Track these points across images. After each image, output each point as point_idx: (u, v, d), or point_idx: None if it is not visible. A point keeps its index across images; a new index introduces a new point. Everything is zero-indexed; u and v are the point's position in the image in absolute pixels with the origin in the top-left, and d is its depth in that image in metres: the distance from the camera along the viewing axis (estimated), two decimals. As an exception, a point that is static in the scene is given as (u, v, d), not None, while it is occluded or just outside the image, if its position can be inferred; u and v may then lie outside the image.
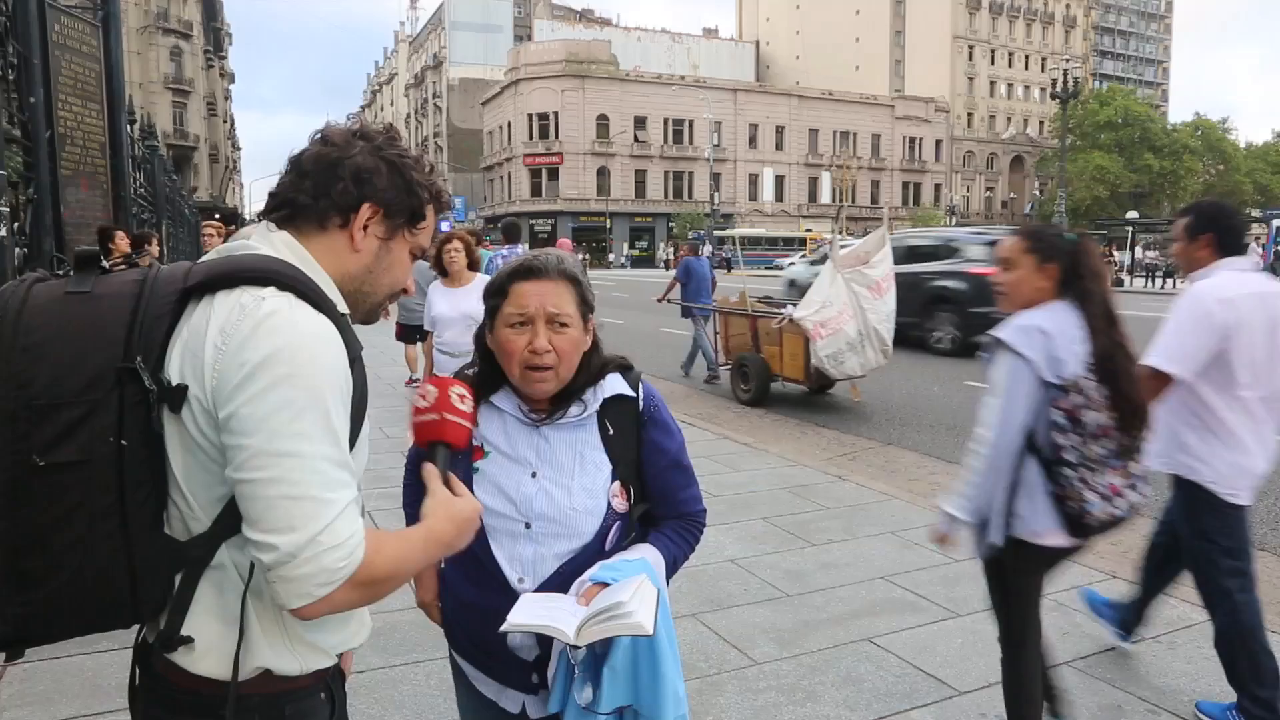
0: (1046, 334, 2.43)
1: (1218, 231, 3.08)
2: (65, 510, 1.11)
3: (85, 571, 1.13)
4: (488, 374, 1.69)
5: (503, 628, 1.48)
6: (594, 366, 1.67)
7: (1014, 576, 2.67)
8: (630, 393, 1.70)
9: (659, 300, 12.96)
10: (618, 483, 1.65)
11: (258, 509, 1.11)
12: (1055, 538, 2.55)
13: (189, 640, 1.20)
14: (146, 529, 1.15)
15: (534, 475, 1.62)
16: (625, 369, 1.73)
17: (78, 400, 1.11)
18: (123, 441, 1.12)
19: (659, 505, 1.74)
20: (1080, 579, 4.39)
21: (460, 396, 1.40)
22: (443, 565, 1.73)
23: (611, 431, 1.67)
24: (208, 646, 1.21)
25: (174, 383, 1.14)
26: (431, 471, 1.35)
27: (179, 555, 1.19)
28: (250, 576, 1.20)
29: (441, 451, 1.38)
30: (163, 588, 1.19)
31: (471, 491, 1.44)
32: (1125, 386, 2.44)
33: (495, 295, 1.64)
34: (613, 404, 1.68)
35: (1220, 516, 3.01)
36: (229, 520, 1.18)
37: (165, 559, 1.18)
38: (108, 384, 1.12)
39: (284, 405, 1.11)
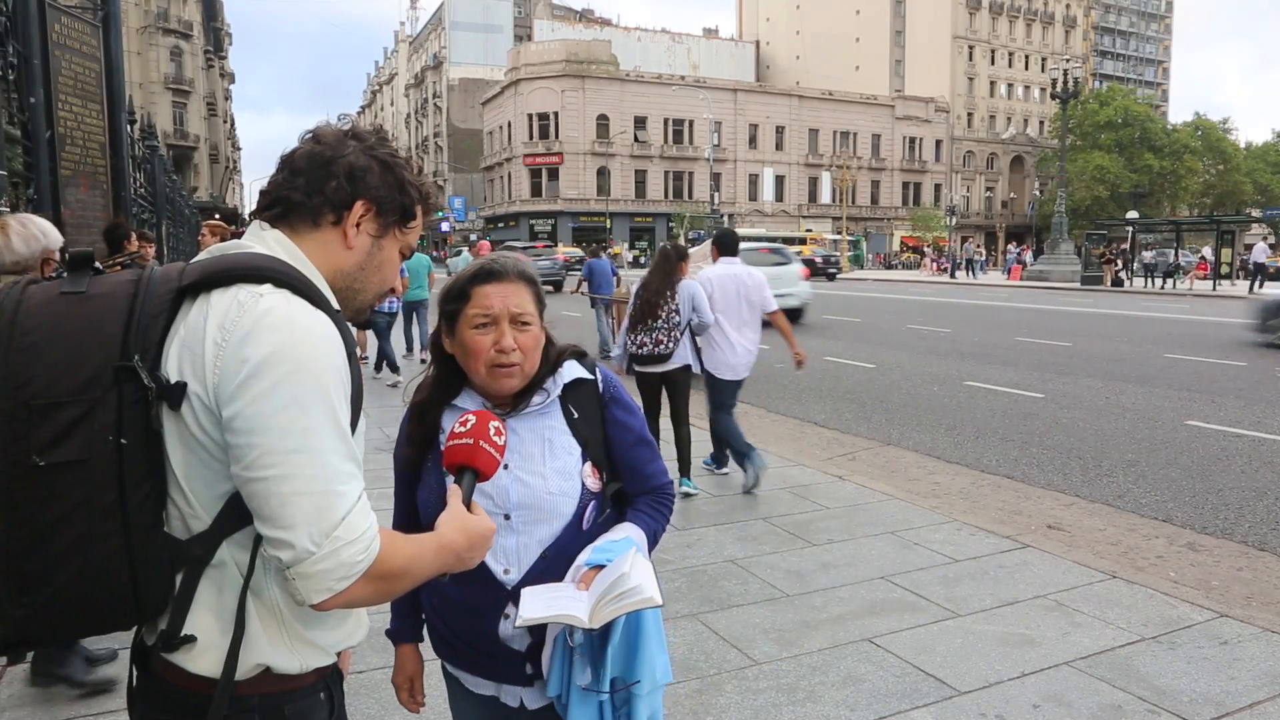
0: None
1: (719, 246, 6.42)
2: (65, 510, 1.11)
3: (86, 572, 1.12)
4: (445, 378, 1.72)
5: (516, 624, 1.53)
6: (552, 356, 1.72)
7: (637, 384, 5.93)
8: (589, 376, 1.76)
9: (572, 293, 17.93)
10: (589, 463, 1.70)
11: (272, 506, 1.11)
12: (637, 365, 5.90)
13: (191, 639, 1.20)
14: (147, 528, 1.15)
15: (506, 467, 1.65)
16: (580, 355, 1.78)
17: (76, 399, 1.11)
18: (122, 440, 1.12)
19: (629, 482, 1.79)
20: (1080, 579, 4.40)
21: (497, 430, 1.45)
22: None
23: (576, 415, 1.72)
24: (207, 645, 1.21)
25: (172, 380, 1.14)
26: (455, 491, 1.37)
27: (180, 554, 1.18)
28: (250, 574, 1.20)
29: (468, 477, 1.41)
30: (164, 587, 1.18)
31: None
32: (643, 306, 5.82)
33: (456, 299, 1.67)
34: (573, 388, 1.73)
35: (722, 386, 6.16)
36: (230, 518, 1.18)
37: (166, 558, 1.17)
38: (106, 383, 1.12)
39: (291, 402, 1.11)
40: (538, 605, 1.52)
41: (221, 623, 1.21)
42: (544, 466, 1.66)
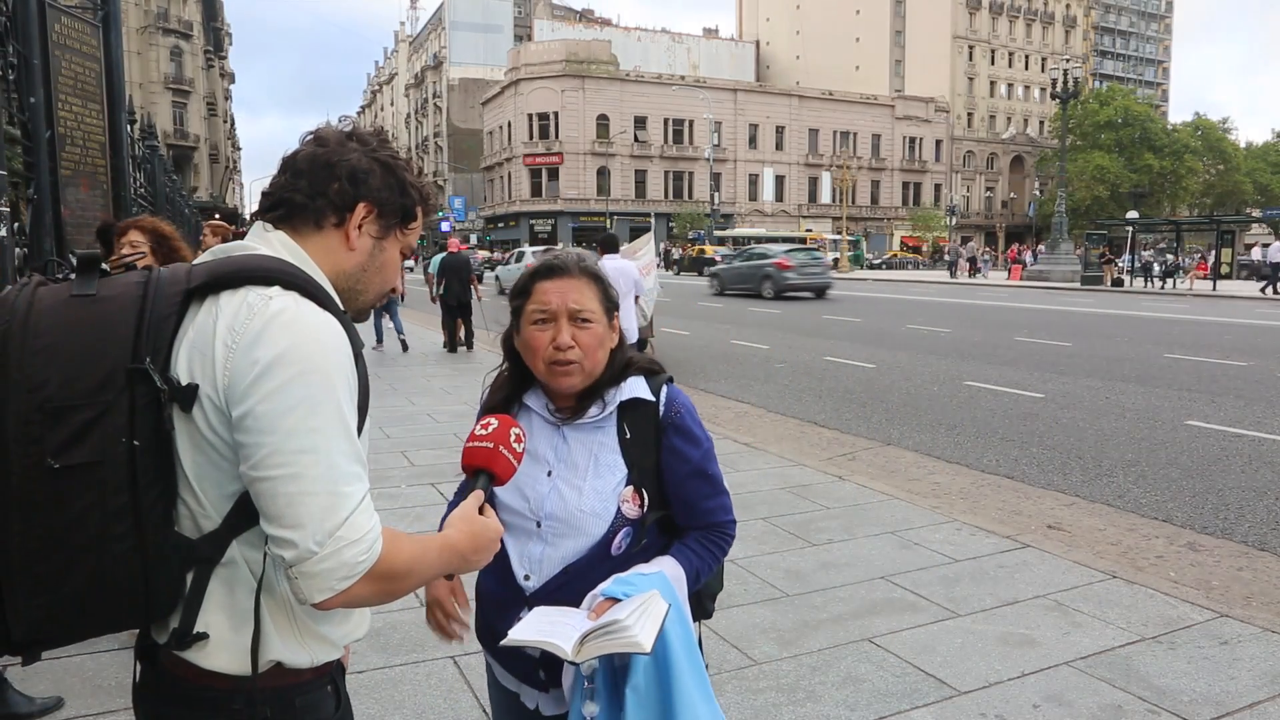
0: None
1: (603, 246, 8.73)
2: (79, 512, 1.12)
3: (100, 572, 1.14)
4: (517, 375, 1.72)
5: (502, 643, 1.49)
6: (617, 365, 1.67)
7: None
8: (649, 397, 1.68)
9: None
10: (630, 488, 1.63)
11: (277, 506, 1.12)
12: None
13: (203, 637, 1.21)
14: (158, 528, 1.16)
15: (549, 474, 1.64)
16: (650, 372, 1.71)
17: (90, 402, 1.12)
18: (135, 442, 1.13)
19: (682, 515, 1.71)
20: (1080, 579, 4.40)
21: (517, 438, 1.44)
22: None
23: (629, 435, 1.65)
24: (219, 642, 1.22)
25: (182, 382, 1.15)
26: (476, 495, 1.38)
27: (191, 553, 1.20)
28: (263, 572, 1.22)
29: (484, 480, 1.41)
30: (175, 586, 1.20)
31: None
32: None
33: (519, 296, 1.66)
34: (631, 407, 1.67)
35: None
36: (240, 517, 1.19)
37: (177, 558, 1.19)
38: (119, 385, 1.13)
39: (299, 402, 1.13)
40: (531, 627, 1.48)
41: (233, 620, 1.22)
42: (584, 482, 1.62)
